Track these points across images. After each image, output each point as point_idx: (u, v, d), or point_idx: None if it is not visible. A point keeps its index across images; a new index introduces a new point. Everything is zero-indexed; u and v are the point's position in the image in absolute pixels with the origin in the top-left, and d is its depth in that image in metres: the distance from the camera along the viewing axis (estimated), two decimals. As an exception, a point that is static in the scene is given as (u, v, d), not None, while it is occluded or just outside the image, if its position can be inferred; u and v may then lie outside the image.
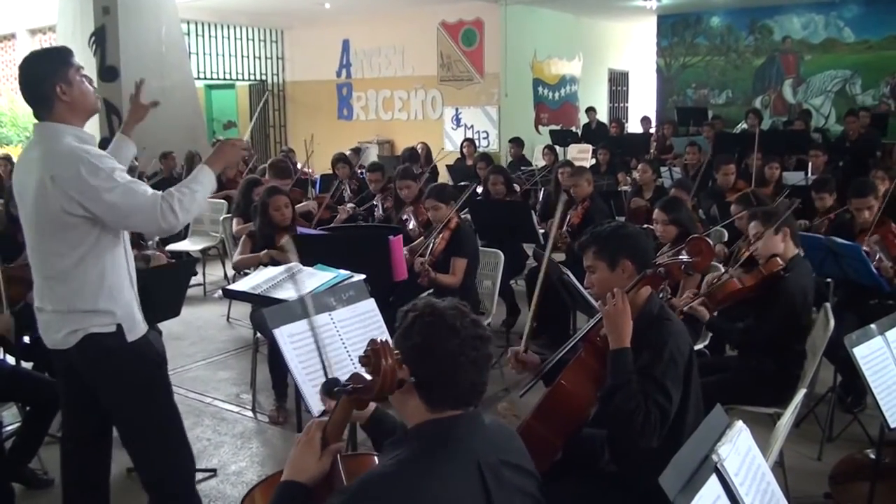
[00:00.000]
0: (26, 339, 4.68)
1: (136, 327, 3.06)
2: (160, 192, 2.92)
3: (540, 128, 15.53)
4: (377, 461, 2.03)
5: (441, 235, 5.39)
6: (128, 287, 3.06)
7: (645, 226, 5.08)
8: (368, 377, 1.89)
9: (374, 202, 7.66)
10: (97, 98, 3.09)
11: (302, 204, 7.32)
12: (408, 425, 1.97)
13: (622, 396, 2.62)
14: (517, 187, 7.86)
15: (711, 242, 3.82)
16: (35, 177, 2.85)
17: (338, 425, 2.01)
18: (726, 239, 6.03)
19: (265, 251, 5.36)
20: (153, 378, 3.15)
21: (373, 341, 1.88)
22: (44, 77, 2.91)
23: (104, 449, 3.32)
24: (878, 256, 4.80)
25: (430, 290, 5.32)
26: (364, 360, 1.89)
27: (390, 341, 1.94)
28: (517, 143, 11.99)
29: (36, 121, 2.98)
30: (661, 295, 3.16)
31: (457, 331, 1.91)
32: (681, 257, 3.31)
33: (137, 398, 3.08)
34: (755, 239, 4.12)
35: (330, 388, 2.02)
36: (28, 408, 4.39)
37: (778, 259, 3.99)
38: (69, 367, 3.06)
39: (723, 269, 4.71)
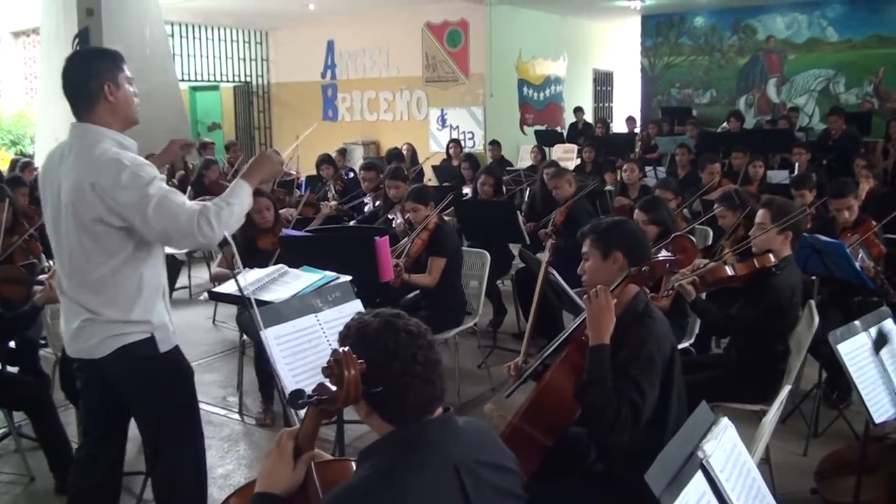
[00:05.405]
0: (11, 343, 4.66)
1: (169, 338, 3.07)
2: (198, 206, 2.87)
3: (525, 128, 15.55)
4: (353, 467, 1.98)
5: (419, 237, 5.35)
6: (161, 297, 3.06)
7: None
8: (333, 388, 1.85)
9: (365, 199, 7.64)
10: (138, 111, 3.02)
11: (281, 211, 7.28)
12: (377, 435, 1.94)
13: (595, 392, 2.65)
14: (504, 189, 7.88)
15: (694, 240, 3.84)
16: (72, 180, 2.80)
17: (309, 435, 1.98)
18: (711, 241, 6.04)
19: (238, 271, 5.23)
20: (183, 388, 3.17)
21: (335, 351, 1.84)
22: (94, 73, 2.86)
23: (122, 452, 3.31)
24: (860, 256, 4.82)
25: (416, 292, 5.31)
26: (327, 371, 1.85)
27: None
28: (495, 145, 12.28)
29: (73, 120, 2.92)
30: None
31: (394, 353, 1.85)
32: (663, 255, 3.32)
33: (166, 406, 3.08)
34: (759, 229, 4.15)
35: (295, 399, 1.96)
36: (13, 413, 4.38)
37: (770, 255, 4.02)
38: (98, 376, 3.03)
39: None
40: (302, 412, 2.03)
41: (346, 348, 1.85)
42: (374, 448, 1.89)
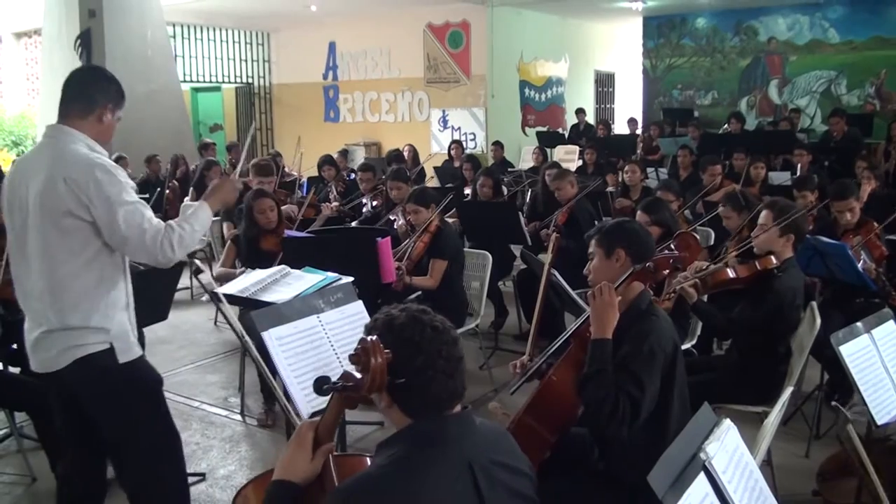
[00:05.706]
0: (13, 345, 4.66)
1: (130, 349, 3.01)
2: (162, 225, 2.92)
3: (526, 129, 15.55)
4: (369, 462, 2.01)
5: (420, 239, 5.34)
6: (123, 308, 3.02)
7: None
8: (359, 375, 1.88)
9: (364, 200, 7.64)
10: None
11: (283, 207, 7.26)
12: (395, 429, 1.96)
13: (595, 384, 2.68)
14: (504, 190, 7.88)
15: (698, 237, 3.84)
16: (42, 177, 2.81)
17: (329, 425, 2.02)
18: (713, 241, 6.04)
19: (242, 270, 5.23)
20: (148, 400, 3.09)
21: (363, 339, 1.88)
22: (105, 91, 2.98)
23: (102, 458, 3.28)
24: (862, 257, 4.82)
25: (418, 293, 5.31)
26: (354, 358, 1.88)
27: None
28: (497, 146, 12.29)
29: (51, 122, 2.96)
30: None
31: (419, 346, 1.88)
32: (668, 252, 3.33)
33: (130, 420, 3.02)
34: (761, 230, 4.15)
35: (320, 385, 1.99)
36: (15, 414, 4.38)
37: (772, 257, 4.02)
38: (63, 388, 3.00)
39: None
40: (318, 404, 2.03)
41: (374, 337, 1.88)
42: (392, 440, 1.92)
